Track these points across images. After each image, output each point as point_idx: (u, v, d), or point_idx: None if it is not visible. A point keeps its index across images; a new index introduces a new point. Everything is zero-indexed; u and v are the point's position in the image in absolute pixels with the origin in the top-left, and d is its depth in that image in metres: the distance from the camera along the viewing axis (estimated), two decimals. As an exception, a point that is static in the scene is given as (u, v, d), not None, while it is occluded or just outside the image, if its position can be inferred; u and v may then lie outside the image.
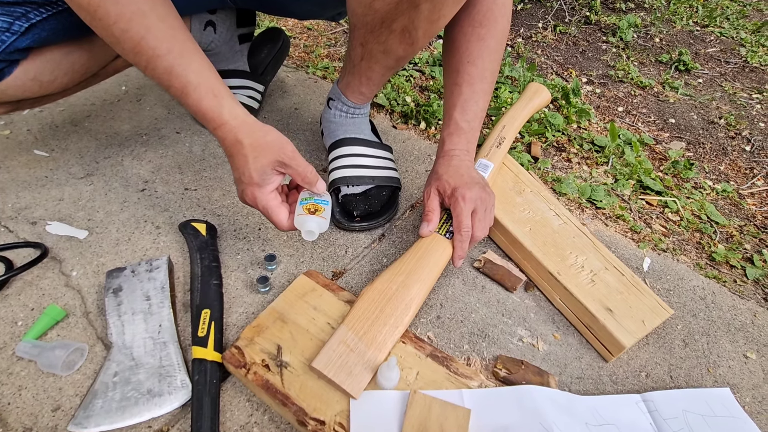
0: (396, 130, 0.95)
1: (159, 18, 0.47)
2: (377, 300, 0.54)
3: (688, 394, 0.55)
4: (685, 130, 1.12)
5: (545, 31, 1.50)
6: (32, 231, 0.65)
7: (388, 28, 0.57)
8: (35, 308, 0.56)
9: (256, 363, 0.49)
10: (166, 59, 0.48)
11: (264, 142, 0.51)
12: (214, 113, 0.50)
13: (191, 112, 0.52)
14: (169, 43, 0.48)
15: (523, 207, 0.72)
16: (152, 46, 0.47)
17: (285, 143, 0.52)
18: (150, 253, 0.64)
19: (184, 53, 0.49)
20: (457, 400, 0.48)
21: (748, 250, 0.80)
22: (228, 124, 0.51)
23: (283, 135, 0.53)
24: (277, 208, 0.54)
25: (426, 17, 0.54)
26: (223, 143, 0.53)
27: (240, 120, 0.51)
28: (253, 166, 0.51)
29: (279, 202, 0.55)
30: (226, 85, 0.52)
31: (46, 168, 0.75)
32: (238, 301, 0.59)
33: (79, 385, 0.49)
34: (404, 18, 0.54)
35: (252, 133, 0.51)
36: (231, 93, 0.52)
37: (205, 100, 0.50)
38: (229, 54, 0.85)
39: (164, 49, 0.47)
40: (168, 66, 0.48)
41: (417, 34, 0.56)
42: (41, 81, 0.59)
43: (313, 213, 0.54)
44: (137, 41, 0.47)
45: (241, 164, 0.52)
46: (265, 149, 0.51)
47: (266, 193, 0.54)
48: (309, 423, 0.45)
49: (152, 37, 0.47)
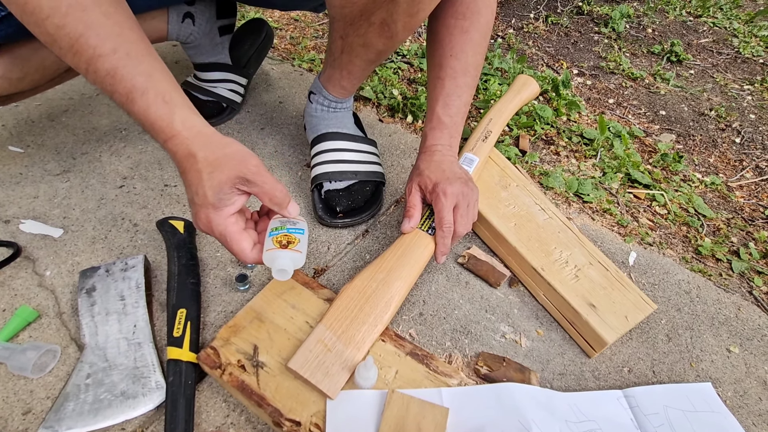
0: (382, 123, 0.94)
1: (103, 14, 0.41)
2: (356, 298, 0.53)
3: (670, 389, 0.54)
4: (676, 122, 1.11)
5: (536, 21, 1.48)
6: (5, 229, 0.63)
7: (367, 21, 0.55)
8: (6, 309, 0.54)
9: (232, 363, 0.48)
10: (110, 60, 0.41)
11: (222, 155, 0.43)
12: (163, 122, 0.43)
13: (139, 122, 0.44)
14: (114, 42, 0.41)
15: (509, 202, 0.71)
16: (93, 45, 0.41)
17: (248, 156, 0.44)
18: (127, 252, 0.62)
19: (131, 53, 0.42)
20: (436, 399, 0.47)
21: (734, 243, 0.79)
22: (180, 135, 0.43)
23: (246, 148, 0.45)
24: (237, 234, 0.45)
25: (404, 10, 0.52)
26: (174, 158, 0.45)
27: (195, 131, 0.44)
28: (207, 184, 0.43)
29: (240, 228, 0.46)
30: (182, 92, 0.45)
31: (20, 164, 0.73)
32: (217, 299, 0.58)
33: (50, 388, 0.48)
34: (383, 11, 0.53)
35: (208, 144, 0.44)
36: (188, 101, 0.45)
37: (153, 107, 0.42)
38: (210, 46, 0.83)
39: (108, 49, 0.41)
40: (111, 67, 0.41)
41: (396, 27, 0.55)
42: (10, 78, 0.58)
43: (286, 246, 0.45)
44: (75, 38, 0.41)
45: (194, 181, 0.43)
46: (223, 163, 0.43)
47: (224, 217, 0.45)
48: (284, 424, 0.44)
49: (93, 34, 0.41)
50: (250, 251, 0.46)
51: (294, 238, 0.46)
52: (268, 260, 0.45)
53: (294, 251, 0.45)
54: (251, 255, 0.46)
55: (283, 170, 0.79)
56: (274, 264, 0.45)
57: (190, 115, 0.45)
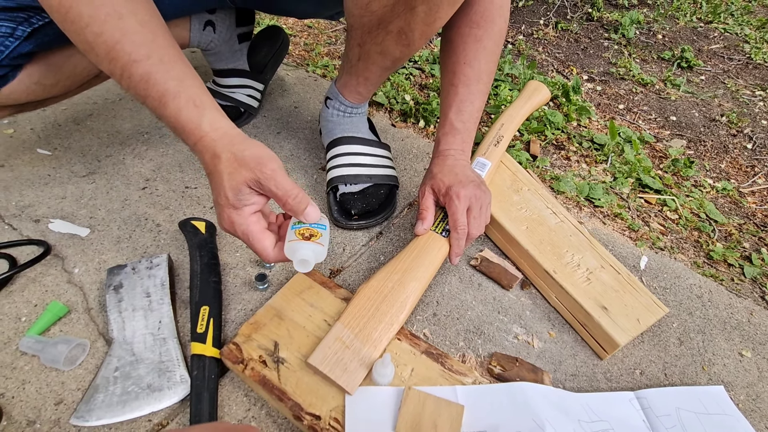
0: (395, 128, 0.96)
1: (138, 22, 0.43)
2: (373, 298, 0.54)
3: (682, 391, 0.55)
4: (686, 127, 1.12)
5: (546, 28, 1.49)
6: (35, 229, 0.66)
7: (384, 30, 0.57)
8: (38, 304, 0.57)
9: (254, 359, 0.50)
10: (144, 65, 0.43)
11: (242, 157, 0.44)
12: (193, 125, 0.44)
13: (170, 127, 0.45)
14: (148, 48, 0.43)
15: (520, 205, 0.72)
16: (128, 51, 0.43)
17: (267, 159, 0.44)
18: (151, 251, 0.65)
19: (164, 59, 0.44)
20: (451, 397, 0.49)
21: (746, 249, 0.80)
22: (207, 136, 0.44)
23: (270, 151, 0.45)
24: (259, 233, 0.45)
25: (422, 19, 0.54)
26: (202, 160, 0.46)
27: (221, 132, 0.45)
28: (228, 184, 0.44)
29: (262, 227, 0.46)
30: (210, 96, 0.47)
31: (49, 166, 0.76)
32: (237, 298, 0.60)
33: (81, 380, 0.50)
34: (400, 20, 0.55)
35: (232, 146, 0.44)
36: (216, 104, 0.47)
37: (184, 111, 0.44)
38: (229, 53, 0.86)
39: (142, 55, 0.43)
40: (145, 73, 0.43)
41: (413, 35, 0.56)
42: (44, 84, 0.60)
43: (308, 239, 0.45)
44: (112, 46, 0.43)
45: (217, 182, 0.44)
46: (242, 165, 0.43)
47: (245, 216, 0.45)
48: (305, 418, 0.46)
49: (128, 41, 0.43)
50: (272, 249, 0.46)
51: (316, 232, 0.47)
52: (289, 251, 0.45)
53: (316, 244, 0.46)
54: (273, 253, 0.46)
55: (298, 173, 0.81)
56: (296, 255, 0.45)
57: (218, 118, 0.46)
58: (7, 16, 0.51)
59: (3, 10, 0.51)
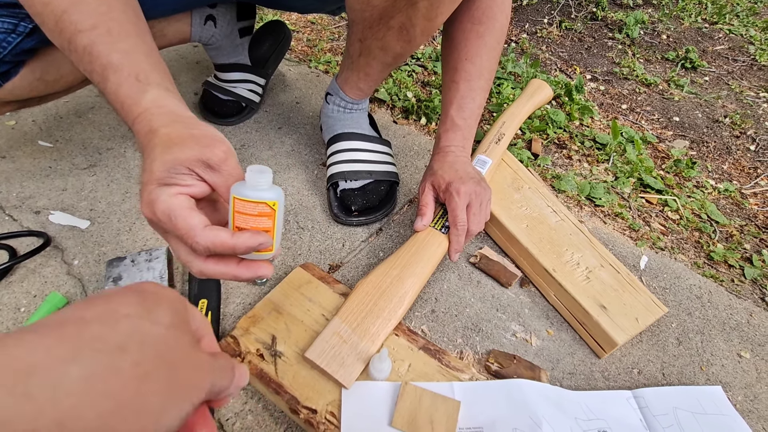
0: (396, 125, 0.96)
1: None
2: (371, 293, 0.54)
3: (680, 391, 0.55)
4: (689, 128, 1.11)
5: (550, 27, 1.49)
6: (36, 220, 0.66)
7: (386, 25, 0.57)
8: (38, 295, 0.57)
9: (251, 352, 0.50)
10: (88, 35, 0.38)
11: (188, 135, 0.35)
12: (131, 101, 0.37)
13: (112, 106, 0.39)
14: (96, 19, 0.39)
15: (521, 203, 0.72)
16: (74, 21, 0.38)
17: (218, 141, 0.36)
18: (150, 244, 0.65)
19: (112, 31, 0.39)
20: (448, 392, 0.49)
21: (747, 250, 0.79)
22: (147, 112, 0.37)
23: (221, 134, 0.37)
24: (184, 210, 0.34)
25: (423, 15, 0.54)
26: (138, 139, 0.37)
27: (165, 109, 0.37)
28: (160, 158, 0.34)
29: (190, 205, 0.35)
30: (165, 75, 0.40)
31: (50, 158, 0.76)
32: (236, 291, 0.60)
33: (78, 371, 0.50)
34: (402, 15, 0.54)
35: (175, 122, 0.36)
36: (168, 84, 0.40)
37: (124, 86, 0.38)
38: (230, 48, 0.86)
39: (88, 25, 0.38)
40: (89, 43, 0.38)
41: (415, 31, 0.56)
42: (47, 80, 0.60)
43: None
44: (59, 15, 0.39)
45: (148, 158, 0.35)
46: (185, 142, 0.35)
47: (170, 194, 0.34)
48: (301, 411, 0.46)
49: (76, 10, 0.39)
50: (202, 229, 0.34)
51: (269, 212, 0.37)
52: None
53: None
54: (203, 233, 0.33)
55: (299, 169, 0.81)
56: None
57: (165, 95, 0.38)
58: (9, 12, 0.51)
59: (5, 6, 0.51)
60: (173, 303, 0.25)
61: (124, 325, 0.21)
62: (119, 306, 0.22)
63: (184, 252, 0.35)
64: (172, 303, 0.25)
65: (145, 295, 0.24)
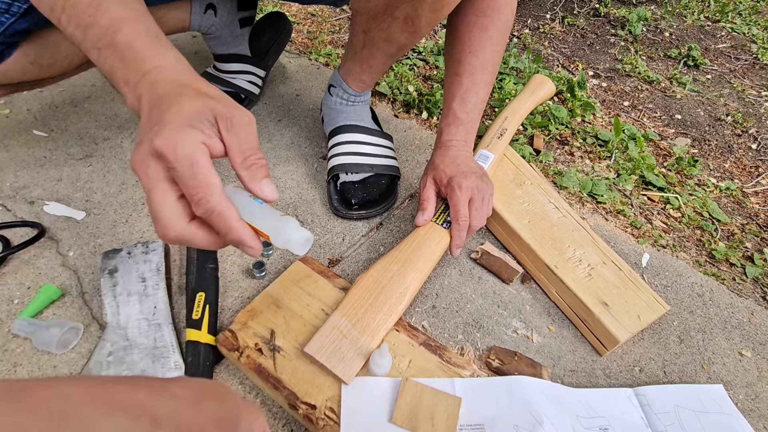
0: (398, 119, 0.94)
1: None
2: (372, 288, 0.54)
3: (681, 389, 0.55)
4: (691, 126, 1.10)
5: (553, 22, 1.48)
6: (30, 210, 0.65)
7: (390, 16, 0.56)
8: (31, 287, 0.56)
9: (249, 347, 0.49)
10: None
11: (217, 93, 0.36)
12: (150, 52, 0.36)
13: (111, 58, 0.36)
14: None
15: (523, 199, 0.71)
16: None
17: (243, 108, 0.36)
18: (147, 236, 0.64)
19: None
20: (449, 389, 0.48)
21: (749, 249, 0.79)
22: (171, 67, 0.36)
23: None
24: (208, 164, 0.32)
25: (429, 5, 0.53)
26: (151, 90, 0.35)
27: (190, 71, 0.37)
28: (188, 102, 0.33)
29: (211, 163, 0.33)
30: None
31: (45, 148, 0.75)
32: (234, 285, 0.59)
33: (73, 364, 0.50)
34: (407, 6, 0.54)
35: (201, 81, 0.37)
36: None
37: (144, 37, 0.36)
38: (230, 38, 0.84)
39: None
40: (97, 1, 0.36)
41: (420, 22, 0.55)
42: (40, 64, 0.59)
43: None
44: None
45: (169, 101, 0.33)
46: (215, 97, 0.35)
47: (197, 141, 0.32)
48: (300, 407, 0.45)
49: None
50: (221, 193, 0.32)
51: None
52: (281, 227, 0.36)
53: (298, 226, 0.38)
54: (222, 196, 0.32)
55: (299, 161, 0.80)
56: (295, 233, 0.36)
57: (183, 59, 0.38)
58: None
59: None
60: (233, 405, 0.24)
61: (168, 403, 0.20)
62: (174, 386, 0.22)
63: (169, 205, 0.32)
64: (232, 404, 0.24)
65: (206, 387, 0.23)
